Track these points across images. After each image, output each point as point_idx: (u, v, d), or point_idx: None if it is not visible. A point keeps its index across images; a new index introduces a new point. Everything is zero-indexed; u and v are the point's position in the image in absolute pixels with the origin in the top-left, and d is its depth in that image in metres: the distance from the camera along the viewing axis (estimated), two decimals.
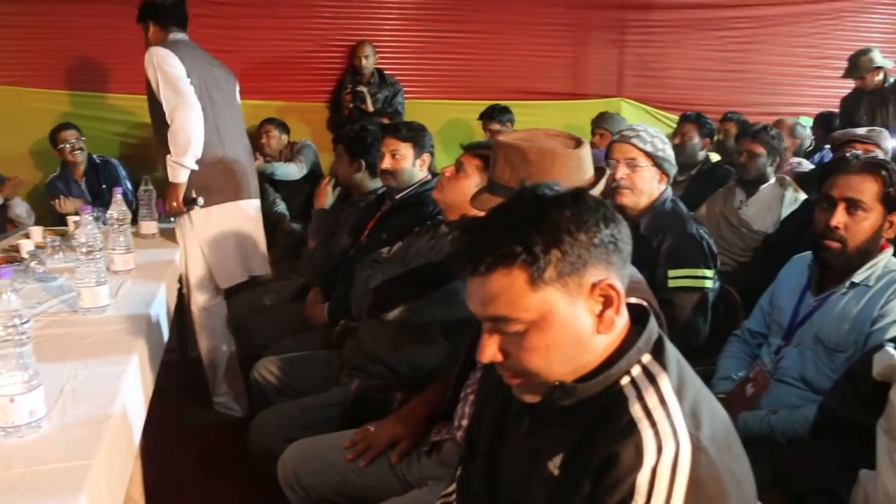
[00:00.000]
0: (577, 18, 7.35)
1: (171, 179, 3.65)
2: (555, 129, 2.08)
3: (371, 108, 6.26)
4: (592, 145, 5.39)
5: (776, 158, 4.09)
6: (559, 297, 1.20)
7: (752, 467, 2.19)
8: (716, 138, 5.66)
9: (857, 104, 6.07)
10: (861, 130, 3.75)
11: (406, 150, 3.40)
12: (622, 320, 1.27)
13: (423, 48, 7.18)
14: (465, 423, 2.03)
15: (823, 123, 6.53)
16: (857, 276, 2.35)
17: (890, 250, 2.38)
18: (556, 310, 1.20)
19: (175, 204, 3.68)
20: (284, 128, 6.27)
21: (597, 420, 1.22)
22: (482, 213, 1.46)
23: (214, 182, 3.78)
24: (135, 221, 3.95)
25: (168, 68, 3.58)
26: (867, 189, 2.33)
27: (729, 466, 1.16)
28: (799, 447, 2.16)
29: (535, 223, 1.20)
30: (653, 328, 1.30)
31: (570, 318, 1.21)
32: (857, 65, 6.13)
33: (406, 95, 6.71)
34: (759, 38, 7.79)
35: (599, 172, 2.03)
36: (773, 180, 4.14)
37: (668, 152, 2.94)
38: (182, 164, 3.60)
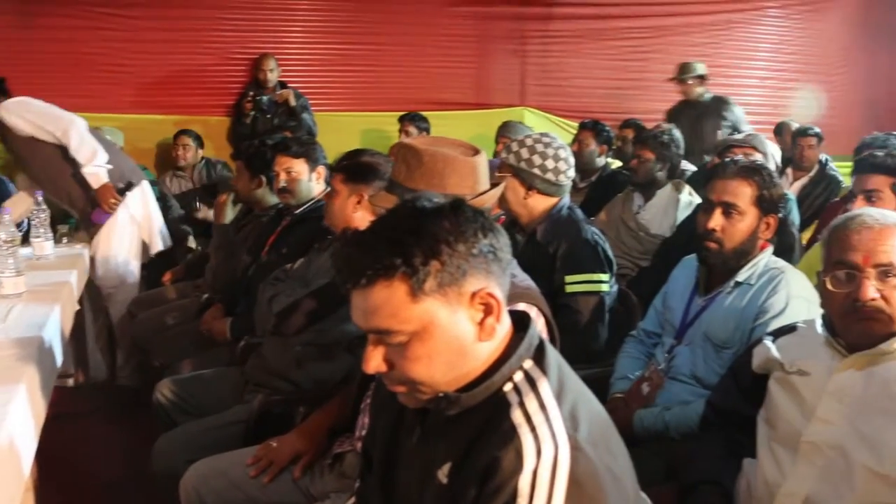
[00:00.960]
0: (479, 30, 7.47)
1: (95, 186, 4.12)
2: (459, 140, 2.15)
3: (293, 102, 6.22)
4: (496, 154, 5.47)
5: (667, 163, 4.23)
6: (440, 308, 1.23)
7: (647, 462, 2.27)
8: (615, 145, 5.80)
9: (678, 116, 6.28)
10: (740, 136, 3.92)
11: (299, 165, 3.41)
12: (504, 328, 1.31)
13: (328, 61, 7.18)
14: (364, 433, 2.04)
15: None
16: (741, 276, 2.45)
17: (770, 249, 2.50)
18: (437, 320, 1.23)
19: (113, 200, 4.18)
20: (200, 141, 6.16)
21: (481, 427, 1.25)
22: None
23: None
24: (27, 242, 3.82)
25: (29, 106, 4.07)
26: (742, 193, 2.44)
27: (607, 464, 1.20)
28: (691, 441, 2.23)
29: (414, 235, 1.23)
30: (534, 334, 1.34)
31: (452, 328, 1.24)
32: (684, 70, 6.35)
33: (314, 109, 6.67)
34: (655, 48, 8.05)
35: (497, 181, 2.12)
36: (668, 185, 4.28)
37: (538, 163, 2.94)
38: (99, 166, 4.06)
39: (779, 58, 8.64)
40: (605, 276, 2.94)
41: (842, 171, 6.01)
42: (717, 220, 2.45)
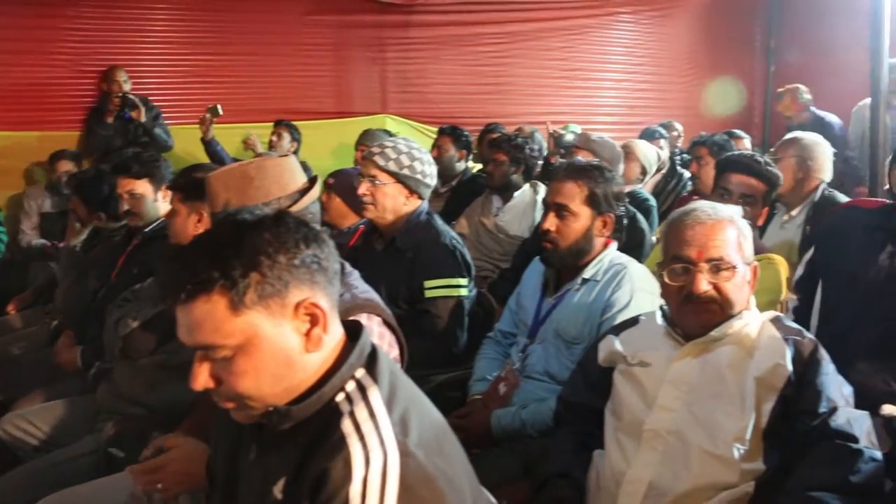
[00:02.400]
0: (337, 38, 7.41)
1: None
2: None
3: (143, 118, 5.97)
4: (356, 162, 5.45)
5: (521, 166, 4.32)
6: (263, 320, 1.22)
7: (505, 460, 2.31)
8: (474, 150, 5.88)
9: None
10: (569, 137, 4.07)
11: (142, 186, 3.29)
12: (333, 338, 1.30)
13: (184, 72, 6.94)
14: None
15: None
16: (587, 273, 2.53)
17: (614, 245, 2.59)
18: (261, 332, 1.22)
19: None
20: (79, 162, 5.83)
21: (313, 440, 1.24)
22: None
23: None
24: None
25: None
26: (573, 194, 2.52)
27: (440, 468, 1.21)
28: (547, 437, 2.28)
29: (233, 248, 1.21)
30: (365, 343, 1.33)
31: (277, 340, 1.23)
32: None
33: (169, 122, 6.45)
34: (514, 53, 8.23)
35: (313, 181, 2.13)
36: (526, 186, 4.37)
37: (419, 168, 2.98)
38: None
39: (632, 60, 9.00)
40: (464, 281, 2.98)
41: None
42: (550, 222, 2.53)
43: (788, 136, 3.69)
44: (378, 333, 2.00)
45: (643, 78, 8.93)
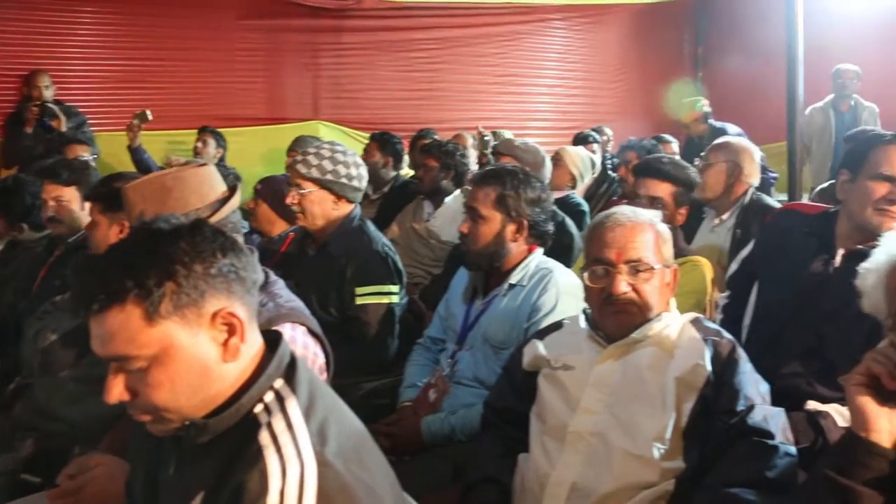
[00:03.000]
0: (269, 43, 7.35)
1: None
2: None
3: (64, 128, 5.80)
4: (287, 168, 5.39)
5: (451, 171, 4.34)
6: (179, 330, 1.20)
7: (435, 467, 2.30)
8: (403, 155, 5.88)
9: None
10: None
11: (70, 193, 3.21)
12: (252, 348, 1.28)
13: (109, 77, 6.80)
14: None
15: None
16: (514, 278, 2.55)
17: (539, 251, 2.62)
18: (177, 343, 1.20)
19: None
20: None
21: (231, 452, 1.23)
22: None
23: None
24: None
25: None
26: (483, 198, 2.55)
27: (359, 477, 1.20)
28: (475, 442, 2.29)
29: (148, 257, 1.19)
30: (284, 352, 1.32)
31: (193, 350, 1.21)
32: None
33: (95, 128, 6.29)
34: (447, 58, 8.27)
35: (233, 189, 2.11)
36: (458, 191, 4.38)
37: (343, 172, 2.96)
38: None
39: (564, 66, 9.12)
40: (395, 288, 2.98)
41: None
42: (466, 225, 2.57)
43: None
44: (303, 343, 1.99)
45: (575, 84, 9.06)
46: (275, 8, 7.25)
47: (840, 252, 2.28)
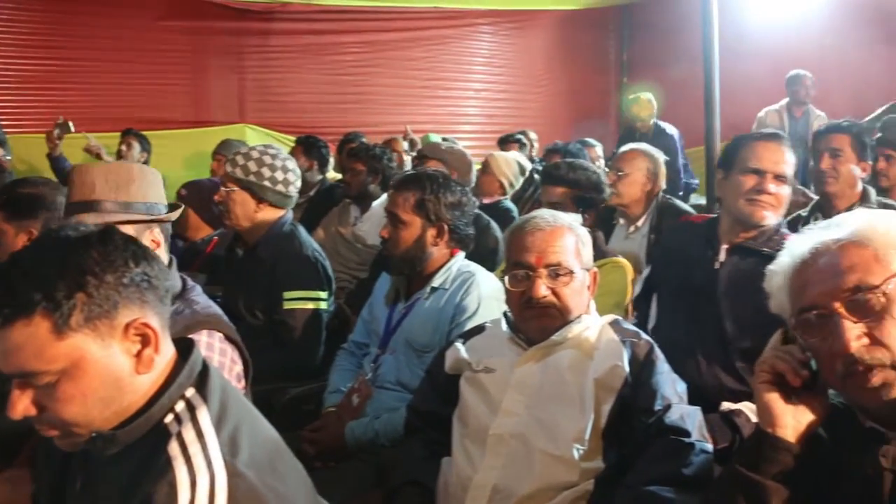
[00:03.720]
0: (193, 44, 7.23)
1: None
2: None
3: None
4: (212, 173, 5.31)
5: (379, 175, 4.32)
6: (90, 342, 1.16)
7: (359, 471, 2.29)
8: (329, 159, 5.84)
9: None
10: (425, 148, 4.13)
11: None
12: (164, 357, 1.26)
13: (22, 77, 6.60)
14: None
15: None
16: (436, 281, 2.55)
17: (461, 255, 2.63)
18: (88, 356, 1.16)
19: None
20: None
21: (140, 464, 1.20)
22: None
23: None
24: None
25: None
26: (403, 203, 2.56)
27: (272, 486, 1.19)
28: (399, 447, 2.28)
29: (57, 267, 1.15)
30: (196, 360, 1.29)
31: (105, 363, 1.18)
32: None
33: (8, 130, 6.07)
34: (375, 62, 8.26)
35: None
36: (384, 196, 4.36)
37: (267, 175, 2.93)
38: None
39: (491, 71, 9.20)
40: (323, 294, 2.95)
41: None
42: (386, 230, 2.59)
43: (629, 149, 3.74)
44: (220, 350, 1.96)
45: (502, 88, 9.15)
46: (197, 9, 7.13)
47: (723, 247, 2.41)
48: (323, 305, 2.96)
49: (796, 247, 1.39)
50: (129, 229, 2.01)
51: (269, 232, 2.96)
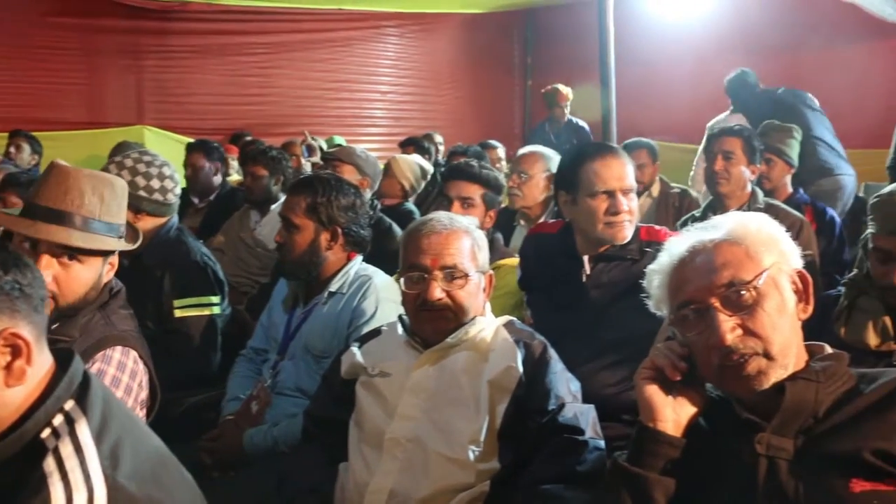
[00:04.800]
0: (87, 43, 6.97)
1: None
2: None
3: None
4: None
5: (280, 177, 4.27)
6: None
7: (259, 480, 2.25)
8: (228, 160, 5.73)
9: None
10: (334, 150, 4.10)
11: None
12: (39, 369, 1.21)
13: None
14: None
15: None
16: (333, 286, 2.54)
17: (359, 258, 2.61)
18: None
19: None
20: None
21: (14, 482, 1.15)
22: None
23: None
24: None
25: None
26: (295, 207, 2.54)
27: (156, 498, 1.17)
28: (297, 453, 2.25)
29: None
30: (76, 371, 1.24)
31: None
32: None
33: None
34: (279, 63, 8.15)
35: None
36: (283, 199, 4.29)
37: (143, 185, 2.82)
38: None
39: (396, 73, 9.21)
40: (215, 299, 2.89)
41: None
42: (279, 235, 2.56)
43: (529, 151, 3.73)
44: (131, 371, 1.95)
45: (407, 90, 9.17)
46: (90, 6, 6.88)
47: (586, 259, 2.42)
48: (216, 311, 2.90)
49: (675, 247, 1.45)
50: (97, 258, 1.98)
51: (153, 240, 2.86)
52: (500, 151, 6.19)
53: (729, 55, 7.39)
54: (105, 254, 2.03)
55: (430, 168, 4.89)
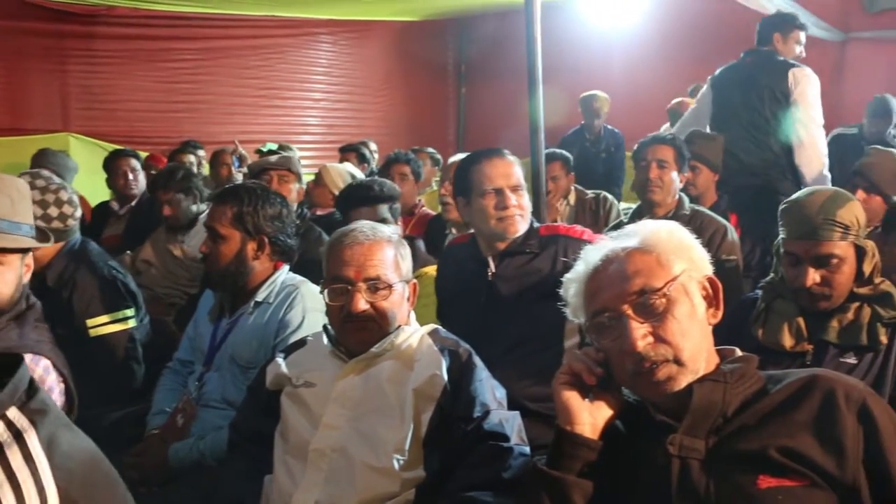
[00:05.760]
0: (8, 46, 6.74)
1: None
2: None
3: None
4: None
5: (195, 195, 4.17)
6: None
7: (184, 495, 2.21)
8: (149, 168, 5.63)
9: None
10: (273, 158, 4.05)
11: None
12: None
13: None
14: None
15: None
16: (260, 296, 2.52)
17: (286, 268, 2.60)
18: None
19: None
20: None
21: None
22: None
23: None
24: None
25: None
26: (220, 217, 2.53)
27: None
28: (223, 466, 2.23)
29: None
30: (21, 378, 1.19)
31: None
32: None
33: None
34: (210, 70, 8.03)
35: None
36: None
37: (39, 214, 2.68)
38: None
39: (331, 80, 9.16)
40: (129, 312, 2.84)
41: None
42: (205, 245, 2.54)
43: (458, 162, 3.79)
44: (38, 378, 1.89)
45: (341, 98, 9.13)
46: (12, 8, 6.65)
47: (490, 259, 2.52)
48: (132, 323, 2.84)
49: (590, 256, 1.49)
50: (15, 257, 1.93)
51: (56, 260, 2.79)
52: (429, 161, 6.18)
53: (656, 63, 7.59)
54: (23, 252, 2.02)
55: (361, 176, 4.87)
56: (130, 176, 4.92)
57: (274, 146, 7.02)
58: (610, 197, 4.84)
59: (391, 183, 3.18)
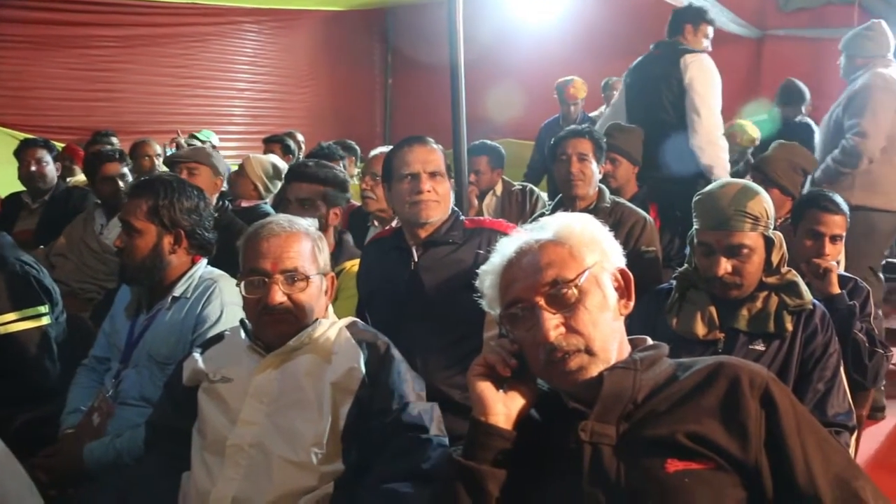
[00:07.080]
0: None
1: None
2: None
3: None
4: None
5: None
6: None
7: (102, 496, 2.16)
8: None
9: None
10: (185, 151, 3.97)
11: None
12: None
13: None
14: None
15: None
16: (177, 290, 2.47)
17: (204, 261, 2.56)
18: None
19: None
20: None
21: None
22: None
23: None
24: None
25: None
26: (135, 210, 2.47)
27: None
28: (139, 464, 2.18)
29: None
30: None
31: None
32: None
33: None
34: (129, 58, 7.80)
35: None
36: None
37: None
38: None
39: (255, 70, 9.02)
40: (43, 308, 2.76)
41: None
42: (119, 239, 2.49)
43: (379, 153, 3.64)
44: None
45: (266, 87, 9.01)
46: None
47: (414, 248, 2.53)
48: (45, 321, 2.76)
49: (505, 248, 1.51)
50: None
51: None
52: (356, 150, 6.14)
53: (578, 56, 7.69)
54: None
55: (284, 167, 4.81)
56: (34, 167, 4.72)
57: (211, 134, 6.89)
58: (536, 189, 4.87)
59: (339, 170, 3.12)
